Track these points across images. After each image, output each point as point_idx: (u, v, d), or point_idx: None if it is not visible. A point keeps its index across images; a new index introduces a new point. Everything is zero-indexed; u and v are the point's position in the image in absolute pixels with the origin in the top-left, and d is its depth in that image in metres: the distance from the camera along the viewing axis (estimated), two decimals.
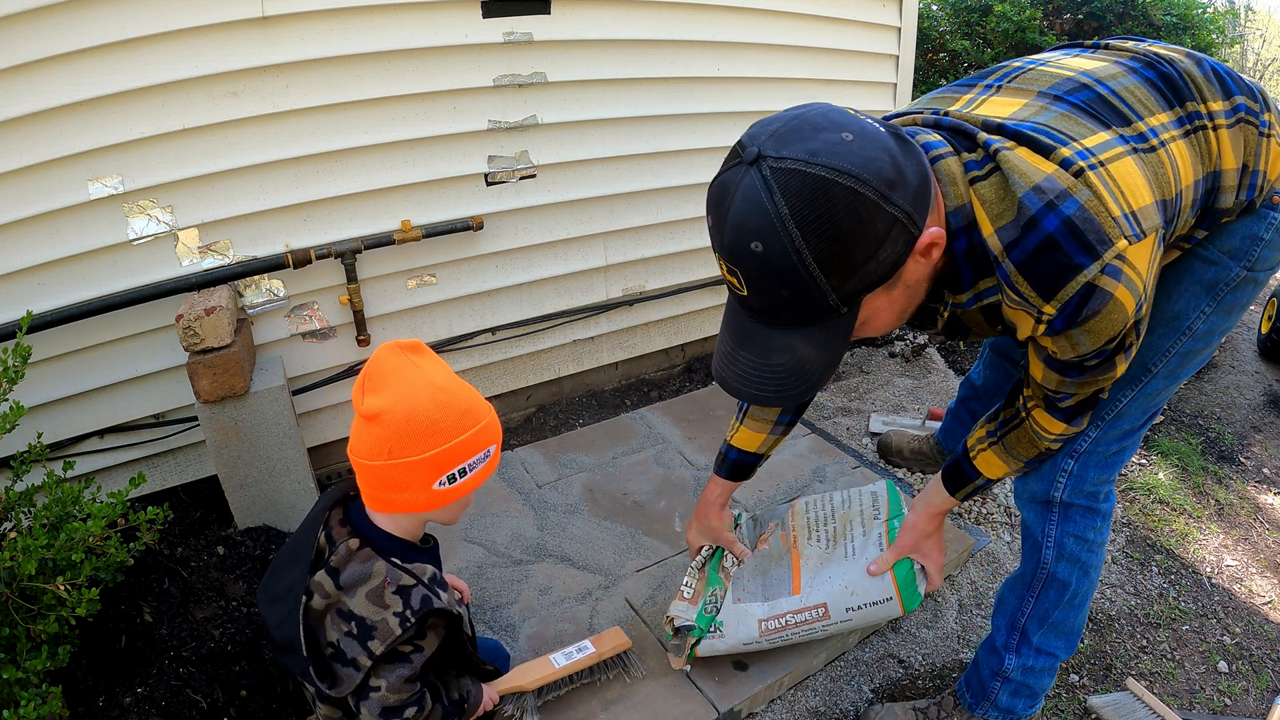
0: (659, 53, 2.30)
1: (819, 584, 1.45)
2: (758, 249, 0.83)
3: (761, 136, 0.84)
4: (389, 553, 1.10)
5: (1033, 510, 1.34)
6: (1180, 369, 1.22)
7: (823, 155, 0.80)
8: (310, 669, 1.05)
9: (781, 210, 0.81)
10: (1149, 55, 1.09)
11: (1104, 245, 0.89)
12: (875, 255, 0.84)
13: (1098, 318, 0.92)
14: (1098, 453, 1.26)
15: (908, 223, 0.84)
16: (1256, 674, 1.69)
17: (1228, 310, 1.18)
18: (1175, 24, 4.00)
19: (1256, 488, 2.36)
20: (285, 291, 1.97)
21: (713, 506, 1.54)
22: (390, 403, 1.03)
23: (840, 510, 1.57)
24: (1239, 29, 8.14)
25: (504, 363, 2.41)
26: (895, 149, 0.84)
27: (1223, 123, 1.05)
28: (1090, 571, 1.32)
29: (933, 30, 4.62)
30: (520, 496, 2.03)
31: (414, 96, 1.97)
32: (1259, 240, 1.12)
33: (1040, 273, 0.92)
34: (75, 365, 1.82)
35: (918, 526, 1.39)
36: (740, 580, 1.52)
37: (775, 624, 1.44)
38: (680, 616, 1.49)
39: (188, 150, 1.76)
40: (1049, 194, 0.90)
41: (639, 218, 2.46)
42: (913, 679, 1.62)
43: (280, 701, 1.45)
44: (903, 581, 1.40)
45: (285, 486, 1.85)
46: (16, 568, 1.16)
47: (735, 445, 1.48)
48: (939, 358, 2.91)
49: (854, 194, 0.80)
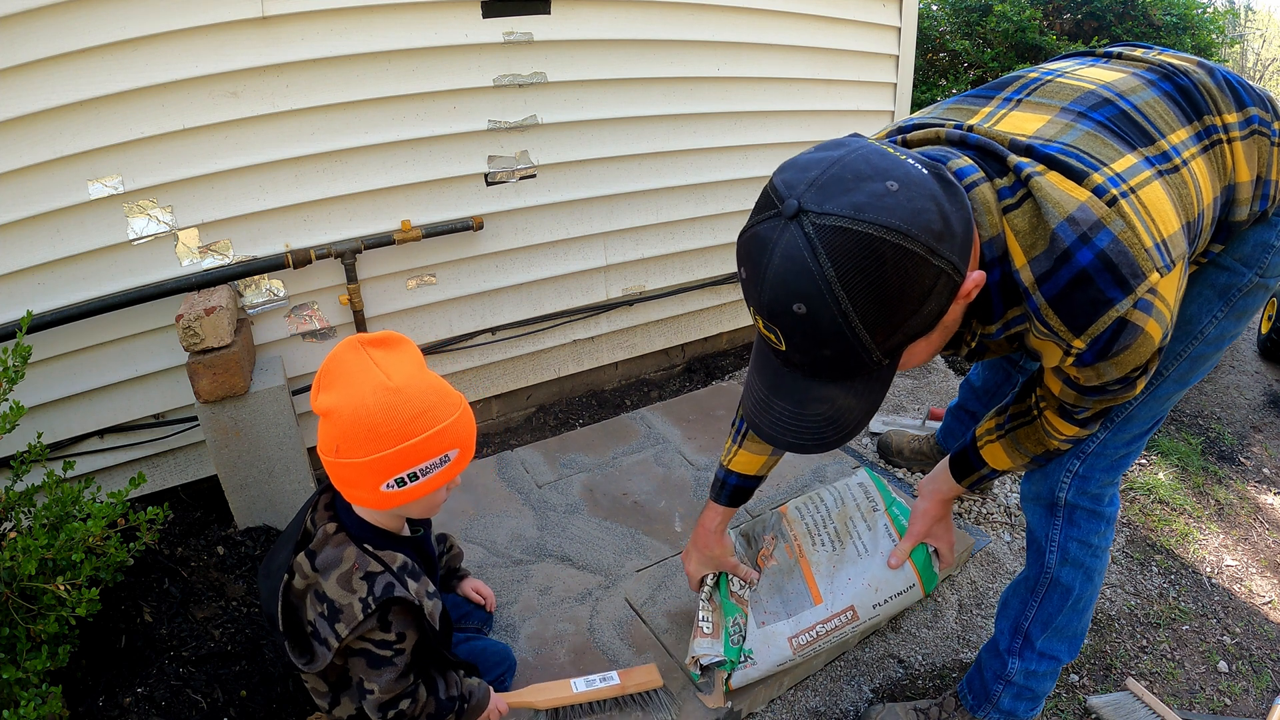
0: (659, 53, 2.30)
1: (839, 588, 1.45)
2: (800, 310, 0.79)
3: (800, 186, 0.79)
4: (361, 539, 1.13)
5: (1037, 513, 1.34)
6: (1191, 373, 1.22)
7: (869, 211, 0.76)
8: (286, 643, 1.12)
9: (828, 273, 0.76)
10: (1165, 66, 1.07)
11: (1137, 279, 0.87)
12: (920, 309, 0.81)
13: (1128, 351, 0.91)
14: (1105, 455, 1.25)
15: (953, 273, 0.81)
16: (1256, 674, 1.69)
17: (1239, 315, 1.19)
18: (1175, 24, 3.99)
19: (1256, 488, 2.36)
20: (285, 291, 1.97)
21: (714, 535, 1.50)
22: (338, 401, 1.04)
23: (835, 509, 1.57)
24: (1239, 29, 8.14)
25: (504, 363, 2.41)
26: (941, 196, 0.81)
27: (1236, 135, 1.04)
28: (1094, 576, 1.32)
29: (933, 30, 4.63)
30: (520, 496, 2.03)
31: (414, 96, 1.97)
32: (1270, 247, 1.12)
33: (1072, 307, 0.90)
34: (75, 365, 1.81)
35: (930, 513, 1.42)
36: (759, 602, 1.49)
37: (806, 638, 1.43)
38: (707, 654, 1.43)
39: (188, 150, 1.76)
40: (1083, 225, 0.87)
41: (639, 218, 2.46)
42: (913, 679, 1.62)
43: (280, 701, 1.45)
44: (922, 567, 1.45)
45: (285, 486, 1.85)
46: (16, 568, 1.16)
47: (734, 470, 1.43)
48: (939, 358, 2.91)
49: (902, 251, 0.76)
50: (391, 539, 1.18)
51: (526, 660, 1.53)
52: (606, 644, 1.57)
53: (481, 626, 1.56)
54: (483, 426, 2.51)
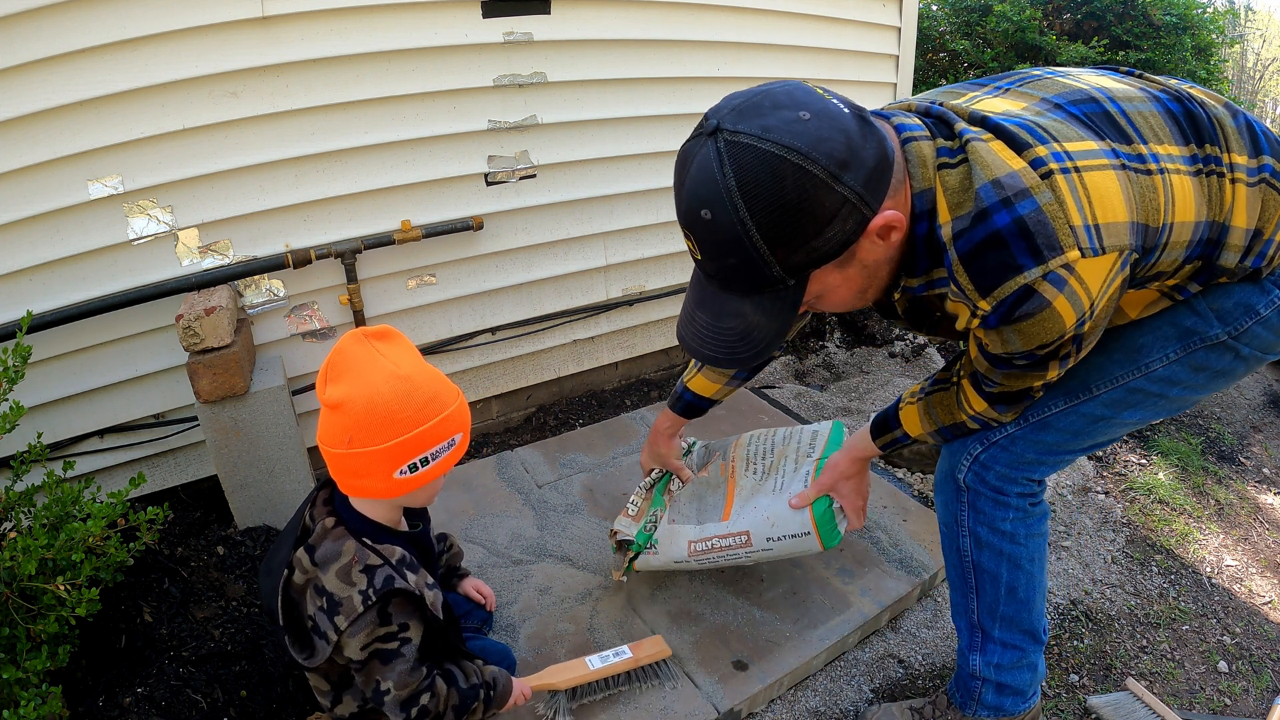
0: (659, 53, 2.30)
1: (745, 513, 1.53)
2: (707, 216, 0.87)
3: (724, 110, 0.87)
4: (360, 534, 1.14)
5: (944, 493, 1.30)
6: (1124, 404, 1.16)
7: (775, 132, 0.83)
8: (286, 638, 1.12)
9: (729, 182, 0.84)
10: (1180, 92, 1.05)
11: (1053, 252, 0.88)
12: (822, 233, 0.87)
13: (1031, 321, 0.92)
14: (1012, 451, 1.21)
15: (859, 203, 0.86)
16: (1256, 674, 1.69)
17: (1196, 368, 1.12)
18: (1175, 24, 3.99)
19: (1256, 488, 2.36)
20: (285, 291, 1.97)
21: (662, 435, 1.65)
22: (351, 392, 1.05)
23: (779, 446, 1.63)
24: (1239, 29, 8.14)
25: (504, 363, 2.41)
26: (854, 130, 0.85)
27: (1243, 178, 1.01)
28: (1022, 564, 1.26)
29: (933, 30, 4.62)
30: (520, 496, 2.03)
31: (414, 96, 1.97)
32: (1253, 313, 1.06)
33: (982, 267, 0.92)
34: (75, 365, 1.82)
35: (838, 467, 1.44)
36: (677, 504, 1.62)
37: (703, 545, 1.54)
38: (622, 531, 1.60)
39: (188, 150, 1.76)
40: (1008, 190, 0.89)
41: (639, 218, 2.46)
42: (913, 679, 1.62)
43: (280, 701, 1.45)
44: (820, 518, 1.46)
45: (285, 486, 1.85)
46: (16, 568, 1.16)
47: (691, 389, 1.58)
48: (939, 358, 2.91)
49: (802, 171, 0.83)
50: (389, 533, 1.19)
51: (526, 660, 1.53)
52: (606, 644, 1.57)
53: (481, 626, 1.57)
54: (483, 426, 2.51)
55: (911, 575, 1.75)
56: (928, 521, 1.90)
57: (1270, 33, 10.06)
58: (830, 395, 2.65)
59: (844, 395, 2.65)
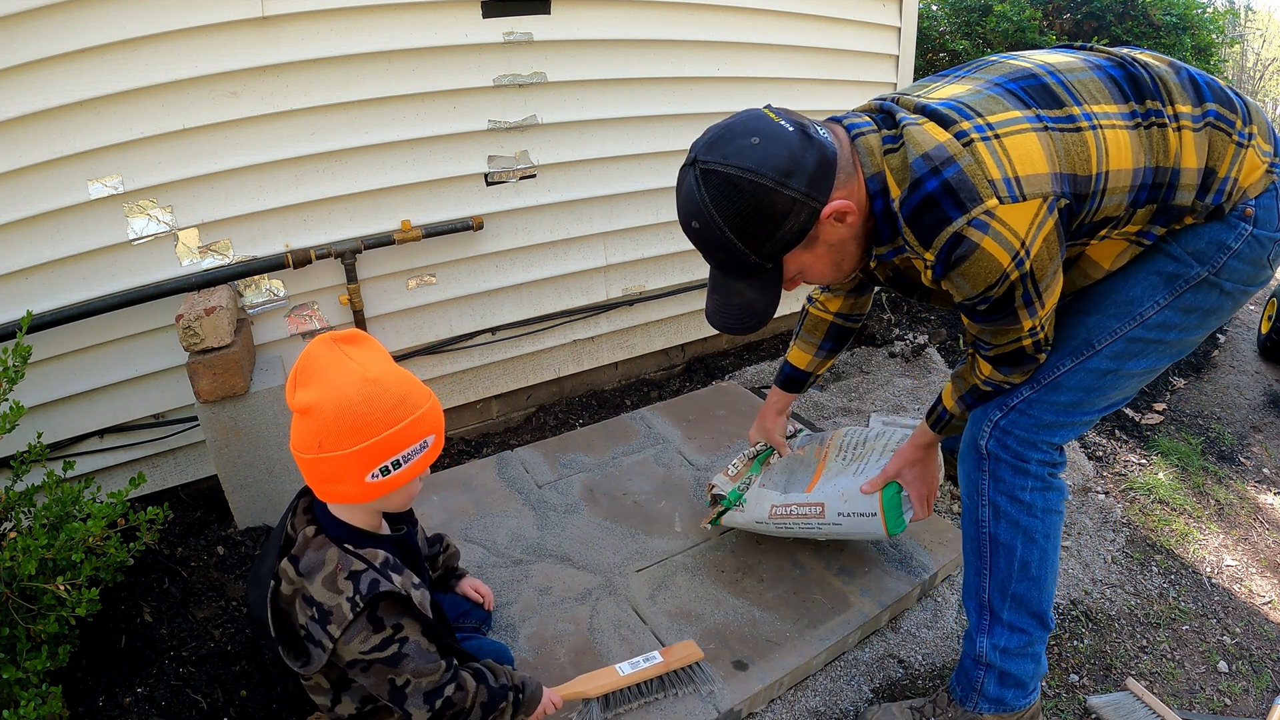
0: (659, 53, 2.30)
1: (825, 488, 1.65)
2: (695, 226, 1.13)
3: (700, 143, 1.12)
4: (341, 540, 1.13)
5: (966, 463, 1.38)
6: (1127, 355, 1.25)
7: (733, 157, 1.08)
8: (279, 649, 1.12)
9: (705, 200, 1.10)
10: (1124, 58, 1.18)
11: (973, 202, 1.04)
12: (781, 226, 1.10)
13: (968, 263, 1.07)
14: (1030, 414, 1.29)
15: (806, 199, 1.08)
16: (1256, 674, 1.69)
17: (1186, 310, 1.22)
18: (1175, 24, 3.99)
19: (1256, 488, 2.36)
20: (285, 291, 1.97)
21: (770, 411, 1.82)
22: (319, 397, 1.04)
23: (871, 440, 1.73)
24: (1239, 29, 8.14)
25: (504, 363, 2.41)
26: (796, 144, 1.08)
27: (1188, 124, 1.13)
28: (1036, 538, 1.32)
29: (933, 30, 4.63)
30: (520, 496, 2.03)
31: (414, 96, 1.97)
32: (1226, 248, 1.17)
33: (922, 225, 1.09)
34: (75, 365, 1.82)
35: (903, 454, 1.55)
36: (770, 473, 1.76)
37: (783, 510, 1.67)
38: (719, 487, 1.78)
39: (188, 150, 1.76)
40: (935, 160, 1.07)
41: (639, 218, 2.47)
42: (913, 679, 1.62)
43: (280, 701, 1.45)
44: (887, 502, 1.56)
45: (285, 487, 1.85)
46: (16, 568, 1.16)
47: (789, 361, 1.76)
48: (939, 357, 2.91)
49: (755, 184, 1.07)
50: (371, 538, 1.18)
51: (526, 660, 1.53)
52: (606, 644, 1.57)
53: (480, 625, 1.57)
54: (482, 426, 2.51)
55: (911, 575, 1.75)
56: (929, 521, 1.90)
57: (1270, 33, 10.06)
58: (830, 395, 2.65)
59: (844, 395, 2.65)
